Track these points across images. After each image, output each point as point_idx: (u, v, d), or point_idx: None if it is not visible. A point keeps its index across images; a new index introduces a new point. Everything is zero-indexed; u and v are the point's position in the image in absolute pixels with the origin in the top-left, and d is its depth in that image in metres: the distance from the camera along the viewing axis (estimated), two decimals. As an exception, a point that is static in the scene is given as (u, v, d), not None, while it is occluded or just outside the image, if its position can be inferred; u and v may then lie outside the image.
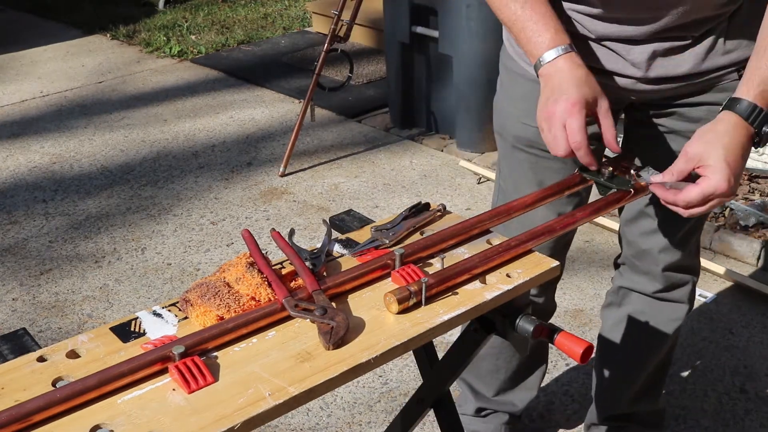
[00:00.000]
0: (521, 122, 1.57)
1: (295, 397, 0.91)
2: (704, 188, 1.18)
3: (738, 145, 1.19)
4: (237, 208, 3.27)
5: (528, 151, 1.59)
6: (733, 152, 1.18)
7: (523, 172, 1.63)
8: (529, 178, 1.62)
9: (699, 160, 1.20)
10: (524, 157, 1.61)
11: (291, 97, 4.39)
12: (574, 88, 1.25)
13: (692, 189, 1.19)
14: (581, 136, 1.24)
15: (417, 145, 3.81)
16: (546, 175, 1.59)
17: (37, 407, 0.86)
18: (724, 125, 1.20)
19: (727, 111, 1.21)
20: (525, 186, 1.61)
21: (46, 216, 3.24)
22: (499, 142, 1.68)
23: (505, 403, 1.98)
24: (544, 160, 1.58)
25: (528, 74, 1.53)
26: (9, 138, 3.97)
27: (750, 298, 2.66)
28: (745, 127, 1.20)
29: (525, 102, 1.56)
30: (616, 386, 1.93)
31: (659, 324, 1.80)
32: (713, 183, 1.18)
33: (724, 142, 1.18)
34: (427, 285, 1.06)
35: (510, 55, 1.59)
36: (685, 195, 1.20)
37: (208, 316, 1.03)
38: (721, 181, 1.17)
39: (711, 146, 1.19)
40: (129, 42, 5.33)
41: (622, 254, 1.78)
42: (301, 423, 2.17)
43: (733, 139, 1.19)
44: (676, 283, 1.74)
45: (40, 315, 2.63)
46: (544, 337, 1.11)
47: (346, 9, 3.44)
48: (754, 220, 2.93)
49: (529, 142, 1.58)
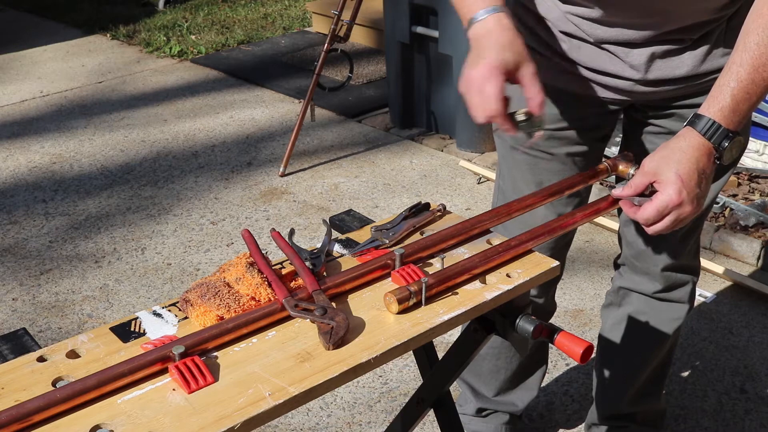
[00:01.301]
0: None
1: (295, 397, 0.91)
2: (657, 203, 1.19)
3: (692, 160, 1.19)
4: (237, 208, 3.27)
5: (527, 152, 1.59)
6: (686, 166, 1.19)
7: (522, 172, 1.63)
8: (528, 179, 1.62)
9: (653, 175, 1.21)
10: (523, 158, 1.61)
11: (291, 97, 4.39)
12: (494, 52, 1.21)
13: (648, 205, 1.21)
14: (496, 103, 1.20)
15: (417, 145, 3.81)
16: (545, 176, 1.59)
17: (37, 407, 0.86)
18: (682, 141, 1.21)
19: (687, 127, 1.22)
20: (524, 186, 1.61)
21: (46, 216, 3.24)
22: (497, 143, 1.68)
23: (506, 403, 1.98)
24: (543, 161, 1.58)
25: None
26: (9, 138, 3.97)
27: (750, 298, 2.66)
28: (702, 143, 1.20)
29: (523, 100, 1.56)
30: (616, 386, 1.93)
31: (659, 324, 1.80)
32: (665, 197, 1.19)
33: (677, 157, 1.19)
34: (427, 285, 1.06)
35: None
36: (643, 212, 1.21)
37: (208, 316, 1.03)
38: (673, 195, 1.18)
39: (665, 161, 1.20)
40: (129, 42, 5.33)
41: (622, 254, 1.78)
42: (301, 423, 2.17)
43: (686, 153, 1.20)
44: (675, 283, 1.74)
45: (40, 315, 2.63)
46: (544, 337, 1.11)
47: (346, 9, 3.44)
48: (754, 220, 2.93)
49: (528, 143, 1.57)
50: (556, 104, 1.52)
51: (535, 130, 1.27)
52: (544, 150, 1.57)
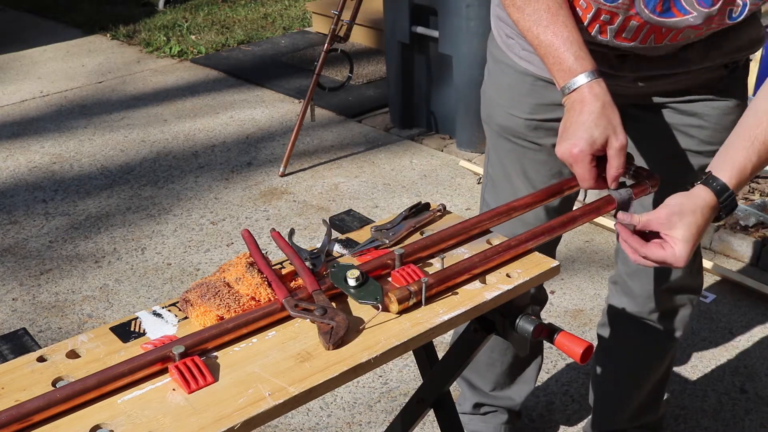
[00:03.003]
0: (507, 112, 1.57)
1: (295, 397, 0.91)
2: (666, 256, 1.22)
3: (705, 223, 1.23)
4: (237, 208, 3.27)
5: (513, 140, 1.59)
6: (696, 228, 1.22)
7: (510, 161, 1.63)
8: (517, 168, 1.62)
9: (665, 227, 1.22)
10: (510, 147, 1.61)
11: (291, 97, 4.39)
12: (582, 130, 1.24)
13: (656, 251, 1.22)
14: (589, 182, 1.27)
15: (417, 145, 3.81)
16: (530, 166, 1.59)
17: (37, 407, 0.86)
18: (700, 202, 1.23)
19: (706, 188, 1.24)
20: (514, 174, 1.61)
21: (46, 216, 3.24)
22: (486, 131, 1.68)
23: (503, 398, 1.98)
24: (530, 151, 1.58)
25: (517, 66, 1.53)
26: (9, 138, 3.97)
27: (750, 298, 2.66)
28: (715, 206, 1.23)
29: (511, 92, 1.55)
30: (612, 407, 1.92)
31: (654, 347, 1.79)
32: (670, 255, 1.22)
33: (690, 220, 1.21)
34: (427, 285, 1.06)
35: (498, 45, 1.58)
36: (647, 250, 1.23)
37: (208, 316, 1.03)
38: (681, 258, 1.21)
39: (679, 218, 1.22)
40: (129, 42, 5.33)
41: (617, 271, 1.77)
42: (301, 423, 2.17)
43: (704, 217, 1.23)
44: (675, 304, 1.72)
45: (40, 315, 2.63)
46: (544, 337, 1.11)
47: (346, 9, 3.44)
48: (754, 220, 2.93)
49: (514, 132, 1.58)
50: (544, 95, 1.52)
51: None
52: (531, 140, 1.57)
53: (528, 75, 1.52)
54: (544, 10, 1.26)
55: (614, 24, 1.32)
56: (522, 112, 1.55)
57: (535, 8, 1.27)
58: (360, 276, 1.06)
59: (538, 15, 1.27)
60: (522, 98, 1.55)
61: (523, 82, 1.54)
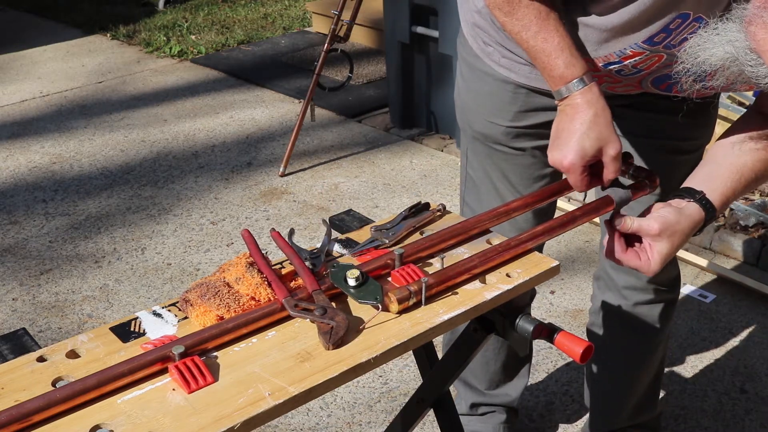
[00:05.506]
0: (487, 120, 1.56)
1: (295, 397, 0.91)
2: (640, 266, 1.25)
3: (686, 237, 1.26)
4: (237, 208, 3.27)
5: (493, 146, 1.59)
6: (679, 244, 1.25)
7: (490, 166, 1.62)
8: (498, 173, 1.61)
9: (656, 240, 1.24)
10: (489, 152, 1.60)
11: (291, 97, 4.39)
12: (574, 140, 1.23)
13: (632, 259, 1.25)
14: (582, 188, 1.28)
15: (417, 145, 3.81)
16: (511, 171, 1.59)
17: (37, 407, 0.86)
18: (692, 223, 1.26)
19: (700, 210, 1.26)
20: (495, 178, 1.61)
21: (46, 216, 3.24)
22: (462, 135, 1.67)
23: (500, 395, 1.97)
24: (511, 156, 1.58)
25: (496, 74, 1.51)
26: (9, 138, 3.97)
27: (750, 298, 2.66)
28: (700, 222, 1.27)
29: (492, 99, 1.54)
30: (610, 406, 1.92)
31: (644, 336, 1.78)
32: (648, 268, 1.25)
33: (681, 239, 1.25)
34: (427, 285, 1.06)
35: (473, 52, 1.56)
36: (625, 257, 1.25)
37: (208, 316, 1.03)
38: (654, 270, 1.25)
39: (672, 239, 1.24)
40: (129, 42, 5.33)
41: (600, 266, 1.77)
42: (301, 423, 2.17)
43: (688, 236, 1.27)
44: (656, 296, 1.73)
45: (40, 315, 2.63)
46: (544, 336, 1.12)
47: (346, 9, 3.44)
48: (754, 220, 2.93)
49: (495, 139, 1.57)
50: (527, 101, 1.51)
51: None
52: (512, 146, 1.57)
53: (509, 83, 1.51)
54: (534, 16, 1.25)
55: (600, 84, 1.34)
56: (503, 120, 1.54)
57: (524, 13, 1.25)
58: (360, 276, 1.06)
59: (527, 20, 1.25)
60: (504, 106, 1.53)
61: (504, 90, 1.52)
